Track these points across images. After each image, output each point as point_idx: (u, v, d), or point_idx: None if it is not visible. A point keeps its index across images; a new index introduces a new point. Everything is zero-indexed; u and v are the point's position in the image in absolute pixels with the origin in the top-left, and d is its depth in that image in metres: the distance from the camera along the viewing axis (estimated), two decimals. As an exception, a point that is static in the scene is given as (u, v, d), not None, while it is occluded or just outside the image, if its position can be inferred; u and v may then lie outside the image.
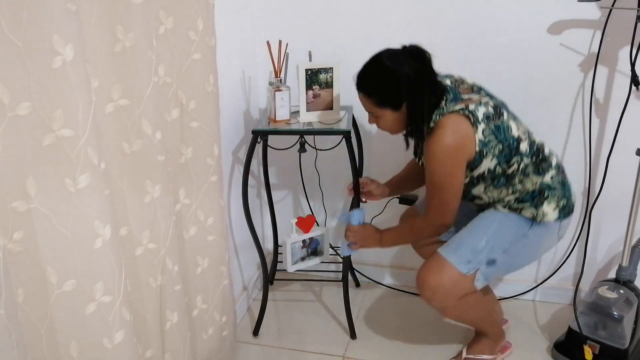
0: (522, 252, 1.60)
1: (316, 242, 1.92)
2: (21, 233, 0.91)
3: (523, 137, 1.54)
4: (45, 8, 0.84)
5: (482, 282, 1.57)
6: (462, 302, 1.59)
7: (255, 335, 1.96)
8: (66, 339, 1.04)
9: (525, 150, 1.53)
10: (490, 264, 1.56)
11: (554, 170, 1.58)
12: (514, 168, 1.53)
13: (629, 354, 1.66)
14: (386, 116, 1.53)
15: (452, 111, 1.48)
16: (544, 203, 1.55)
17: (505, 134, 1.50)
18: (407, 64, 1.47)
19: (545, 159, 1.58)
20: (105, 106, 1.07)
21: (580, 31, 1.76)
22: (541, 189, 1.56)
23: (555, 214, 1.56)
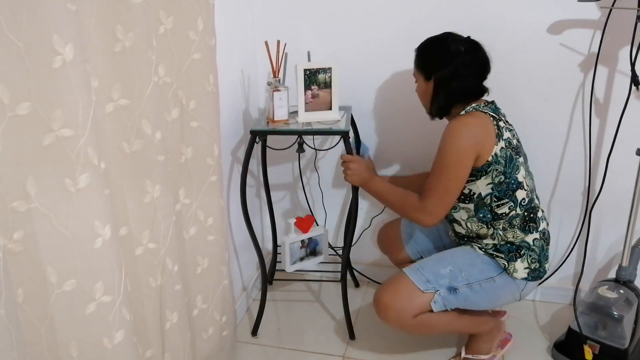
0: (485, 293, 1.59)
1: (315, 242, 1.93)
2: (21, 233, 0.91)
3: (525, 188, 1.58)
4: (45, 8, 0.84)
5: (440, 305, 1.56)
6: (418, 320, 1.56)
7: (254, 335, 1.96)
8: (66, 338, 1.04)
9: (520, 200, 1.57)
10: (451, 291, 1.56)
11: (538, 234, 1.62)
12: (504, 211, 1.57)
13: (629, 354, 1.66)
14: (419, 82, 1.65)
15: (486, 113, 1.54)
16: (517, 260, 1.59)
17: (512, 170, 1.55)
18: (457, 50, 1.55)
19: (535, 220, 1.62)
20: (105, 106, 1.07)
21: (580, 31, 1.76)
22: (520, 246, 1.60)
23: (524, 273, 1.60)
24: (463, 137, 1.50)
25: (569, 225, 2.01)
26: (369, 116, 2.03)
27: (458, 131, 1.50)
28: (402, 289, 1.57)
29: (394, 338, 1.93)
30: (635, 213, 1.68)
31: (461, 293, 1.57)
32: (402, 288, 1.57)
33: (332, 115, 1.79)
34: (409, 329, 1.60)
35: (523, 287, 1.62)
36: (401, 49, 1.91)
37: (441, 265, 1.60)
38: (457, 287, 1.57)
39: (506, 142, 1.53)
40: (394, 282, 1.60)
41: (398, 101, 1.98)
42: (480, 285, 1.58)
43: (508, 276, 1.59)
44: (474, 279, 1.58)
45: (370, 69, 1.97)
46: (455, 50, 1.54)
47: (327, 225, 2.23)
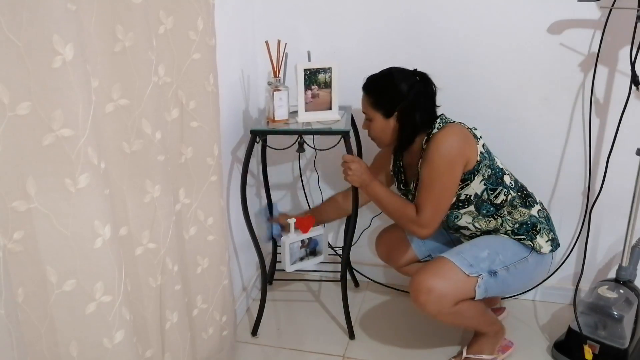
0: (521, 274, 1.62)
1: (315, 242, 1.92)
2: (21, 233, 0.91)
3: (506, 172, 1.65)
4: (45, 8, 0.84)
5: (482, 290, 1.57)
6: (457, 308, 1.57)
7: (254, 335, 1.96)
8: (66, 338, 1.04)
9: (509, 184, 1.64)
10: (492, 274, 1.58)
11: (538, 205, 1.69)
12: (502, 199, 1.62)
13: (629, 354, 1.66)
14: (377, 121, 1.65)
15: (455, 122, 1.60)
16: (537, 236, 1.63)
17: (493, 161, 1.62)
18: (411, 81, 1.60)
19: (529, 195, 1.69)
20: (105, 106, 1.07)
21: (580, 31, 1.76)
22: (533, 223, 1.64)
23: (548, 246, 1.64)
24: (450, 147, 1.54)
25: (569, 225, 2.01)
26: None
27: (444, 143, 1.54)
28: (447, 273, 1.56)
29: (394, 338, 1.93)
30: (635, 213, 1.68)
31: (500, 276, 1.58)
32: (447, 272, 1.56)
33: (332, 115, 1.79)
34: (443, 317, 1.59)
35: (550, 260, 1.68)
36: (401, 49, 1.92)
37: (479, 249, 1.61)
38: (497, 270, 1.58)
39: (481, 138, 1.61)
40: (435, 267, 1.58)
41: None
42: (516, 267, 1.61)
43: (537, 254, 1.63)
44: (510, 260, 1.60)
45: (370, 69, 1.97)
46: (410, 83, 1.59)
47: (326, 225, 2.23)
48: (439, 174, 1.55)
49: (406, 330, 1.97)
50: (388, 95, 1.61)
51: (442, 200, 1.57)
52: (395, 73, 1.62)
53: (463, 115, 1.93)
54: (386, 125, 1.64)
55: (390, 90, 1.60)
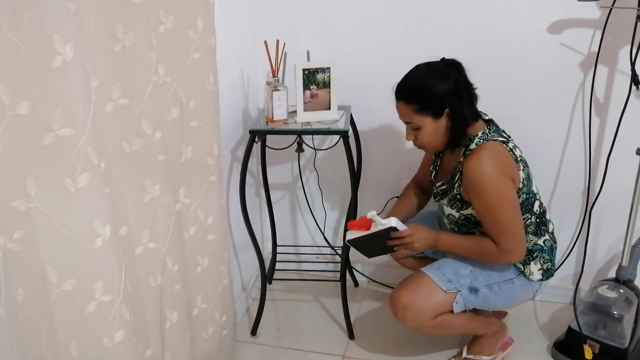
0: (504, 294, 1.61)
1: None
2: (21, 232, 0.91)
3: (538, 197, 1.60)
4: (45, 7, 0.84)
5: (461, 305, 1.56)
6: (437, 321, 1.56)
7: (253, 334, 1.96)
8: (66, 338, 1.04)
9: (536, 210, 1.59)
10: (472, 291, 1.57)
11: (548, 235, 1.65)
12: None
13: (628, 354, 1.66)
14: (426, 126, 1.52)
15: (495, 140, 1.51)
16: (531, 263, 1.61)
17: (530, 185, 1.56)
18: (446, 73, 1.49)
19: (545, 223, 1.64)
20: (105, 105, 1.07)
21: (580, 30, 1.76)
22: (533, 250, 1.61)
23: (539, 275, 1.61)
24: (491, 175, 1.46)
25: (569, 225, 2.01)
26: (370, 116, 2.03)
27: (484, 174, 1.46)
28: (423, 289, 1.55)
29: (394, 337, 1.93)
30: (635, 212, 1.68)
31: (481, 294, 1.58)
32: (423, 288, 1.56)
33: (330, 115, 1.79)
34: (425, 330, 1.59)
35: (538, 287, 1.64)
36: (401, 49, 1.91)
37: (461, 266, 1.60)
38: (478, 287, 1.58)
39: (521, 162, 1.54)
40: (413, 282, 1.58)
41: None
42: (500, 286, 1.59)
43: (525, 278, 1.61)
44: (494, 280, 1.59)
45: (370, 68, 1.97)
46: (446, 74, 1.49)
47: (326, 224, 2.23)
48: (496, 205, 1.47)
49: (406, 330, 1.97)
50: (433, 95, 1.48)
51: (511, 224, 1.50)
52: (428, 71, 1.50)
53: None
54: (438, 126, 1.51)
55: (433, 90, 1.48)
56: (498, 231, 1.50)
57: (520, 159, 1.54)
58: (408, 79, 1.53)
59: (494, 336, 1.75)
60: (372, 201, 2.14)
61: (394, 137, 2.05)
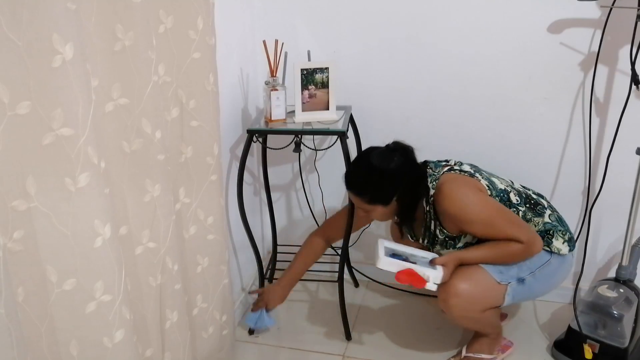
0: (545, 277, 1.64)
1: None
2: (21, 232, 0.91)
3: (509, 189, 1.64)
4: (45, 7, 0.84)
5: (511, 298, 1.59)
6: (483, 315, 1.60)
7: (251, 334, 1.96)
8: (66, 337, 1.04)
9: (516, 201, 1.63)
10: (520, 281, 1.59)
11: (548, 209, 1.68)
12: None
13: (628, 353, 1.66)
14: (377, 210, 1.61)
15: (443, 173, 1.60)
16: (553, 240, 1.63)
17: (494, 186, 1.61)
18: (393, 161, 1.55)
19: (537, 202, 1.67)
20: (105, 105, 1.07)
21: (580, 30, 1.76)
22: (546, 229, 1.64)
23: (566, 247, 1.65)
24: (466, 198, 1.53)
25: (569, 224, 1.99)
26: (370, 116, 2.02)
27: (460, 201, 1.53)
28: (479, 279, 1.56)
29: (394, 337, 1.93)
30: (635, 212, 1.68)
31: (527, 283, 1.60)
32: (479, 277, 1.56)
33: (329, 115, 1.78)
34: (466, 321, 1.63)
35: (572, 259, 1.69)
36: (401, 48, 1.91)
37: None
38: (524, 277, 1.59)
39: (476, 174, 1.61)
40: (468, 271, 1.58)
41: (399, 100, 1.98)
42: (541, 271, 1.62)
43: (558, 255, 1.64)
44: (535, 265, 1.61)
45: (371, 69, 1.97)
46: (395, 165, 1.54)
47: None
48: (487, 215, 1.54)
49: (406, 330, 1.97)
50: (382, 190, 1.56)
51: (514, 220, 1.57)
52: (377, 164, 1.54)
53: (463, 114, 1.93)
54: (388, 210, 1.60)
55: (382, 185, 1.56)
56: (510, 234, 1.55)
57: (473, 171, 1.61)
58: (355, 174, 1.60)
59: (495, 337, 1.76)
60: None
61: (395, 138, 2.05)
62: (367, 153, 1.60)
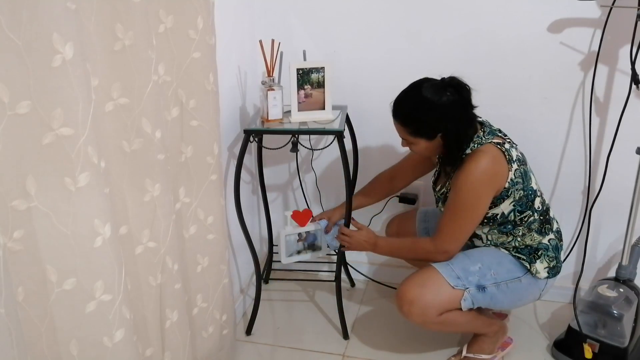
0: (511, 292, 1.61)
1: (313, 237, 1.92)
2: (21, 232, 0.91)
3: (539, 193, 1.60)
4: (45, 7, 0.84)
5: (468, 303, 1.56)
6: (442, 318, 1.56)
7: (248, 334, 1.96)
8: (66, 337, 1.04)
9: (537, 207, 1.60)
10: (480, 289, 1.57)
11: (553, 234, 1.65)
12: (524, 221, 1.59)
13: (628, 353, 1.66)
14: (420, 144, 1.56)
15: (490, 142, 1.52)
16: (537, 261, 1.61)
17: (528, 182, 1.56)
18: (445, 96, 1.49)
19: (549, 221, 1.65)
20: (105, 105, 1.07)
21: (580, 30, 1.76)
22: (537, 248, 1.62)
23: (545, 273, 1.62)
24: (478, 180, 1.49)
25: (569, 224, 2.01)
26: (366, 116, 2.02)
27: (472, 175, 1.49)
28: (431, 284, 1.55)
29: (394, 336, 1.93)
30: (635, 212, 1.68)
31: (488, 291, 1.57)
32: (431, 283, 1.55)
33: (325, 115, 1.78)
34: (430, 326, 1.59)
35: (544, 286, 1.64)
36: (401, 48, 1.91)
37: (470, 262, 1.60)
38: (486, 285, 1.57)
39: (516, 161, 1.54)
40: (421, 276, 1.58)
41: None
42: (507, 285, 1.59)
43: (532, 277, 1.61)
44: (501, 278, 1.59)
45: (368, 68, 1.97)
46: (446, 100, 1.48)
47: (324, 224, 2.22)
48: (465, 207, 1.52)
49: (406, 329, 1.97)
50: (426, 122, 1.51)
51: (464, 229, 1.56)
52: (426, 94, 1.49)
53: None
54: (431, 145, 1.55)
55: (427, 116, 1.50)
56: (447, 227, 1.55)
57: (516, 159, 1.54)
58: (404, 102, 1.54)
59: (494, 335, 1.76)
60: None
61: (391, 138, 2.05)
62: (420, 83, 1.53)
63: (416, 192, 2.09)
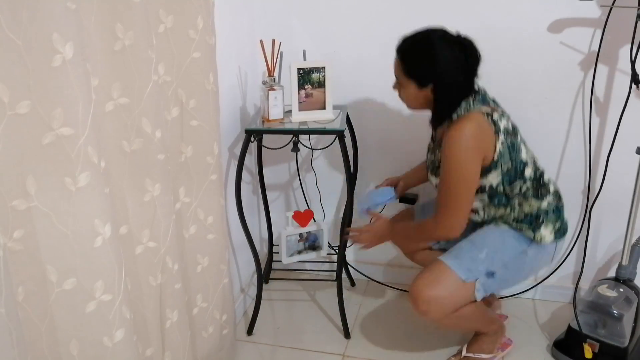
0: (520, 268, 1.60)
1: (314, 237, 1.93)
2: (21, 231, 0.92)
3: (529, 163, 1.57)
4: (45, 6, 0.84)
5: (482, 292, 1.56)
6: (459, 314, 1.56)
7: (249, 334, 1.96)
8: (66, 337, 1.04)
9: (529, 176, 1.56)
10: (489, 275, 1.56)
11: (551, 196, 1.61)
12: (516, 190, 1.56)
13: (628, 353, 1.66)
14: (409, 89, 1.52)
15: (478, 111, 1.49)
16: (540, 227, 1.58)
17: (516, 154, 1.53)
18: (451, 50, 1.44)
19: (544, 184, 1.61)
20: (105, 105, 1.07)
21: (580, 30, 1.76)
22: (538, 214, 1.58)
23: (552, 237, 1.59)
24: (463, 146, 1.46)
25: (569, 224, 2.00)
26: (366, 116, 2.02)
27: (457, 142, 1.45)
28: (444, 280, 1.54)
29: (395, 336, 1.93)
30: (635, 212, 1.68)
31: (498, 275, 1.56)
32: (444, 279, 1.54)
33: (325, 115, 1.78)
34: (446, 323, 1.59)
35: (554, 249, 1.62)
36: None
37: (477, 250, 1.57)
38: (494, 270, 1.56)
39: (504, 132, 1.50)
40: (432, 274, 1.56)
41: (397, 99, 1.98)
42: (515, 262, 1.58)
43: (538, 245, 1.58)
44: (508, 257, 1.57)
45: (368, 68, 1.97)
46: (451, 54, 1.44)
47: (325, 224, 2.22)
48: (455, 176, 1.48)
49: (406, 329, 1.97)
50: (424, 65, 1.46)
51: (461, 201, 1.51)
52: (435, 40, 1.45)
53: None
54: (419, 94, 1.51)
55: (426, 61, 1.45)
56: (443, 201, 1.51)
57: (504, 130, 1.50)
58: (410, 38, 1.50)
59: (494, 334, 1.76)
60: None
61: (391, 137, 2.05)
62: (434, 29, 1.48)
63: (416, 192, 2.09)
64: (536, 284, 2.08)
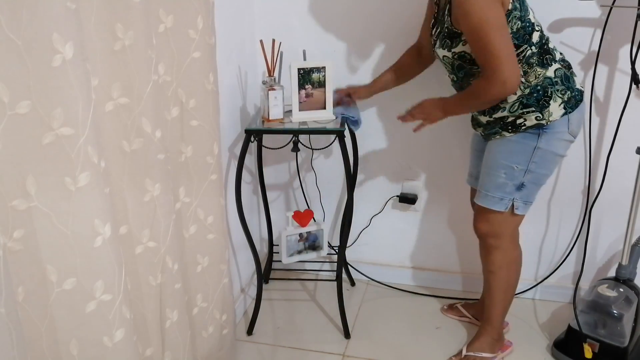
0: (542, 164, 1.57)
1: (314, 237, 1.93)
2: (21, 231, 0.92)
3: (537, 27, 1.51)
4: (45, 6, 0.84)
5: (522, 207, 1.62)
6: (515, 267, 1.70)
7: (250, 334, 1.96)
8: (66, 337, 1.04)
9: (536, 40, 1.50)
10: (519, 188, 1.59)
11: (557, 63, 1.54)
12: (521, 56, 1.49)
13: (628, 352, 1.66)
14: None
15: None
16: (550, 103, 1.51)
17: (526, 12, 1.48)
18: None
19: (549, 51, 1.54)
20: (105, 104, 1.07)
21: (580, 29, 1.76)
22: (544, 87, 1.51)
23: (561, 110, 1.52)
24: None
25: (569, 224, 2.01)
26: (366, 116, 2.02)
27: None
28: (491, 218, 1.65)
29: (395, 336, 1.93)
30: (635, 211, 1.68)
31: (527, 183, 1.59)
32: (489, 217, 1.66)
33: (326, 115, 1.78)
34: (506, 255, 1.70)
35: (567, 123, 1.54)
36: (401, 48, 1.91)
37: (496, 175, 1.60)
38: (521, 181, 1.58)
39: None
40: (480, 215, 1.69)
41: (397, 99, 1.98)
42: (534, 162, 1.57)
43: (546, 131, 1.53)
44: (524, 162, 1.57)
45: (368, 68, 1.97)
46: None
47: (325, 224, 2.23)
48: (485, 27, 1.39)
49: (406, 329, 1.97)
50: None
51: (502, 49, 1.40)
52: None
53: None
54: None
55: None
56: (486, 56, 1.42)
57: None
58: None
59: (497, 337, 1.77)
60: (370, 200, 2.14)
61: (391, 138, 2.05)
62: None
63: (416, 192, 2.09)
64: (536, 284, 2.08)
